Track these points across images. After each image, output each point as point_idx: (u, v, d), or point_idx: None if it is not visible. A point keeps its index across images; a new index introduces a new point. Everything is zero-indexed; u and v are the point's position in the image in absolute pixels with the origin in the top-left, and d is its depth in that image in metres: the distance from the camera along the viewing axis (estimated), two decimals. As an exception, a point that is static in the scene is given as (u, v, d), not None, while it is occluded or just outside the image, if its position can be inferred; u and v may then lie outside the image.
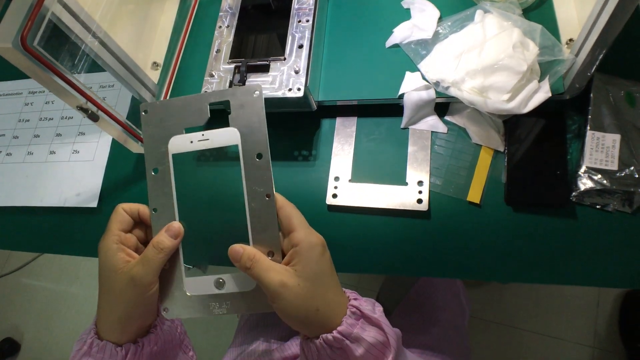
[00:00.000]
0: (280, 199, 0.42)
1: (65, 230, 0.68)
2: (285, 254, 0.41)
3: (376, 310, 0.41)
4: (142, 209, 0.44)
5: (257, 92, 0.42)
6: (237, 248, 0.40)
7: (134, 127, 0.60)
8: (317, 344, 0.39)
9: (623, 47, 0.51)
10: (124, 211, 0.43)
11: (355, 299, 0.41)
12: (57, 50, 0.50)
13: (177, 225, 0.42)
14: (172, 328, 0.49)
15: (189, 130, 0.43)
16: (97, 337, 0.43)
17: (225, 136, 0.42)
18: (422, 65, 0.58)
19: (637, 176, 0.51)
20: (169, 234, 0.42)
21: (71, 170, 0.70)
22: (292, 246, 0.40)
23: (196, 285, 0.42)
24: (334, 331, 0.38)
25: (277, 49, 0.58)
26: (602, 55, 0.49)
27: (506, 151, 0.56)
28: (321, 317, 0.39)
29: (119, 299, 0.41)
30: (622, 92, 0.54)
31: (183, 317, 0.43)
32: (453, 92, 0.55)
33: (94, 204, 0.67)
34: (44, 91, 0.79)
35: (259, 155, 0.41)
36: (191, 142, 0.43)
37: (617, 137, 0.53)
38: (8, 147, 0.76)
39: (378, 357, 0.39)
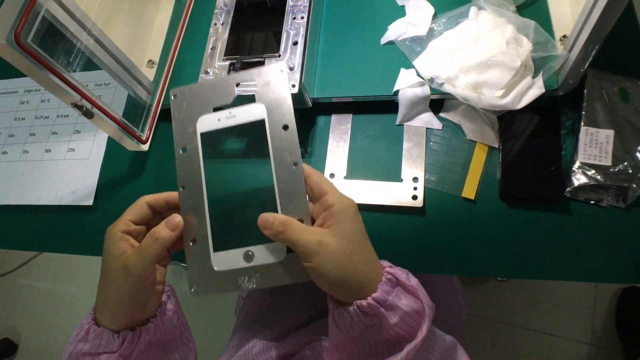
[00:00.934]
0: (307, 167, 0.42)
1: (61, 229, 0.68)
2: (315, 221, 0.40)
3: (411, 279, 0.40)
4: (170, 195, 0.44)
5: (282, 69, 0.43)
6: (267, 216, 0.39)
7: (129, 124, 0.60)
8: (351, 311, 0.38)
9: (615, 43, 0.51)
10: (145, 204, 0.43)
11: (390, 267, 0.41)
12: (52, 47, 0.50)
13: (177, 218, 0.42)
14: (173, 319, 0.48)
15: (217, 109, 0.44)
16: (94, 323, 0.43)
17: (252, 112, 0.43)
18: (417, 62, 0.58)
19: (630, 171, 0.51)
20: (167, 226, 0.41)
21: (67, 168, 0.70)
22: (325, 209, 0.39)
23: (224, 259, 0.42)
24: (369, 297, 0.37)
25: (272, 46, 0.58)
26: (594, 51, 0.49)
27: (500, 147, 0.56)
28: (358, 277, 0.38)
29: (112, 285, 0.41)
30: (616, 88, 0.55)
31: (211, 294, 0.42)
32: (447, 88, 0.55)
33: (90, 202, 0.67)
34: (39, 89, 0.79)
35: (285, 127, 0.42)
36: (219, 119, 0.44)
37: (610, 132, 0.53)
38: (4, 145, 0.75)
39: (413, 326, 0.38)
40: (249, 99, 0.44)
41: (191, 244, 0.43)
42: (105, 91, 0.74)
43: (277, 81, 0.43)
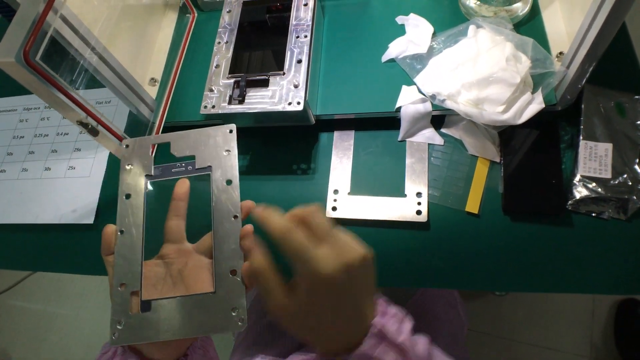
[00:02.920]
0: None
1: (61, 248, 0.67)
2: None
3: (403, 330, 0.38)
4: (109, 230, 0.45)
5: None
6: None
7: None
8: None
9: (610, 59, 0.53)
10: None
11: (381, 315, 0.39)
12: (58, 65, 0.51)
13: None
14: (204, 355, 0.49)
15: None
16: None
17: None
18: (418, 79, 0.59)
19: (630, 183, 0.52)
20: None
21: (67, 186, 0.70)
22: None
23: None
24: (352, 354, 0.37)
25: (276, 64, 0.59)
26: (591, 68, 0.50)
27: (502, 162, 0.57)
28: (330, 332, 0.38)
29: None
30: (612, 103, 0.56)
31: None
32: (449, 104, 0.56)
33: (91, 221, 0.66)
34: (39, 107, 0.79)
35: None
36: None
37: (609, 146, 0.54)
38: (2, 163, 0.75)
39: None
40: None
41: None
42: (106, 109, 0.74)
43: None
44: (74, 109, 0.51)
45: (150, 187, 0.47)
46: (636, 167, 0.53)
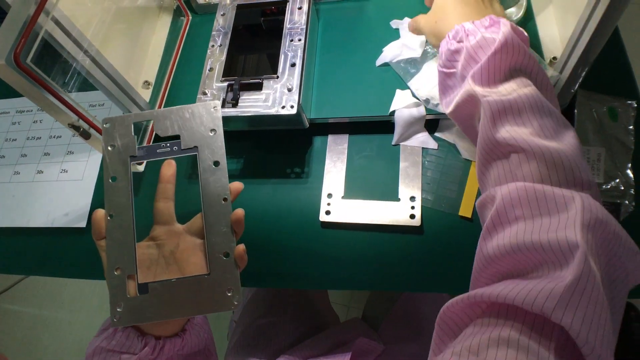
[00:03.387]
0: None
1: (53, 252, 0.66)
2: None
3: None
4: (98, 214, 0.45)
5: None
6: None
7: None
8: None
9: (603, 64, 0.53)
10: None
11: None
12: (50, 67, 0.50)
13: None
14: (200, 332, 0.49)
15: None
16: None
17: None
18: (412, 84, 0.59)
19: (622, 188, 0.52)
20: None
21: (59, 189, 0.69)
22: None
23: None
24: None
25: (270, 67, 0.59)
26: (584, 73, 0.50)
27: (496, 166, 0.57)
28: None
29: None
30: (605, 108, 0.56)
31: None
32: (440, 107, 0.56)
33: (83, 224, 0.66)
34: (32, 110, 0.78)
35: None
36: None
37: (601, 150, 0.54)
38: (-6, 167, 0.74)
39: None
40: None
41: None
42: (99, 112, 0.73)
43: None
44: (66, 111, 0.51)
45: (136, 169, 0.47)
46: (628, 171, 0.54)
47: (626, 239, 0.34)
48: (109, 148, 0.46)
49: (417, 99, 0.58)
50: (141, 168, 0.63)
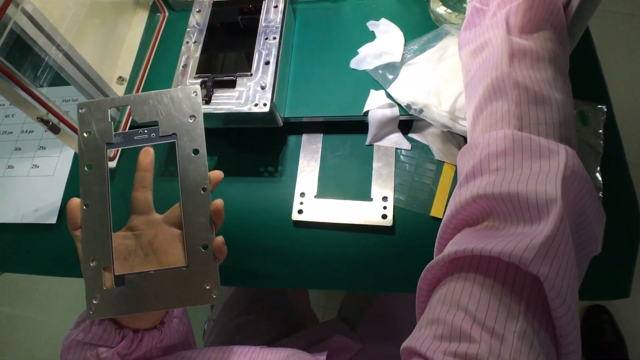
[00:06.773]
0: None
1: (23, 248, 0.65)
2: None
3: None
4: (73, 203, 0.43)
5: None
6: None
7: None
8: None
9: (575, 68, 0.54)
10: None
11: None
12: (19, 60, 0.50)
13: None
14: (179, 325, 0.49)
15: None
16: None
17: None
18: (392, 90, 0.59)
19: (589, 191, 0.53)
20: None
21: (30, 185, 0.68)
22: None
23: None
24: None
25: (244, 65, 0.59)
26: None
27: (467, 167, 0.57)
28: None
29: None
30: (575, 112, 0.57)
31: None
32: (425, 115, 0.56)
33: (53, 220, 0.65)
34: (3, 105, 0.77)
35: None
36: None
37: (570, 154, 0.55)
38: (-37, 161, 0.73)
39: None
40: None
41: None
42: (73, 107, 0.72)
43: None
44: (35, 105, 0.50)
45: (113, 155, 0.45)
46: (597, 175, 0.55)
47: (599, 204, 0.36)
48: (85, 134, 0.44)
49: (399, 105, 0.58)
50: (113, 164, 0.63)
